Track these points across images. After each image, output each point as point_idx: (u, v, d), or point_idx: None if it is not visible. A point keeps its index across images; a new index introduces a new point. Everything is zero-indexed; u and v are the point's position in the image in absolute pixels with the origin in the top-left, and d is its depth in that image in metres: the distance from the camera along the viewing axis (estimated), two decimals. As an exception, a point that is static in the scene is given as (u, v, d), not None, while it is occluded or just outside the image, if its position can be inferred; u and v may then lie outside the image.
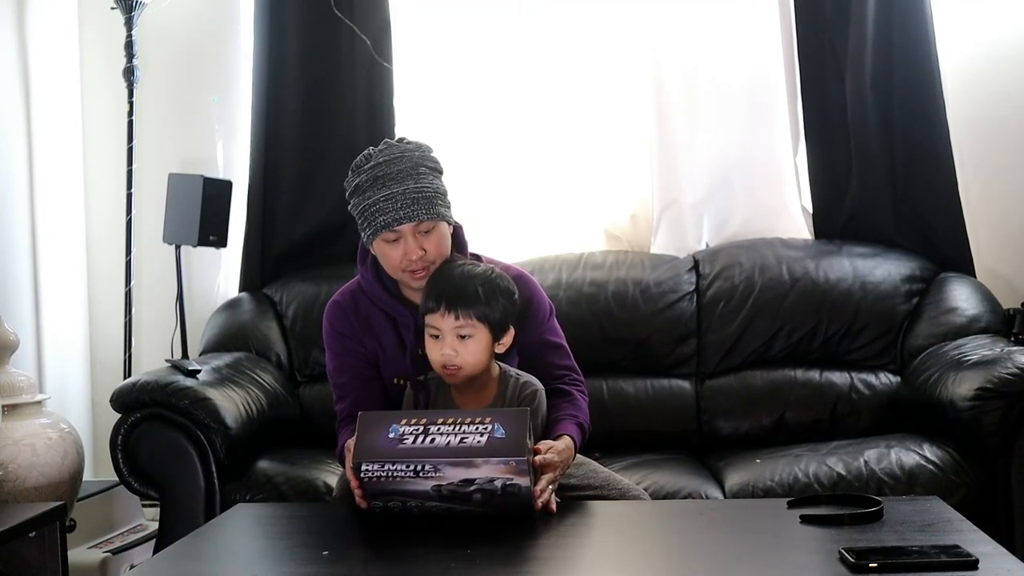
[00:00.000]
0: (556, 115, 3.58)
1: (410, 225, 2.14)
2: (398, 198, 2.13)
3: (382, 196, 2.14)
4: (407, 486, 1.88)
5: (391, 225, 2.14)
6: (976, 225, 3.36)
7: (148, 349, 3.59)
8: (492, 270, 2.17)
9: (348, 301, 2.31)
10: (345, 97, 3.53)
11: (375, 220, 2.15)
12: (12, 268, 3.40)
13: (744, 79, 3.47)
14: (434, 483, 1.87)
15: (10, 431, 2.69)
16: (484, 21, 3.61)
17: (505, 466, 1.85)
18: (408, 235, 2.15)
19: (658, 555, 1.86)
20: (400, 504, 1.91)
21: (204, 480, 2.73)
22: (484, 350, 2.12)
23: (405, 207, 2.13)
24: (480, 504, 1.88)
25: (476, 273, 2.13)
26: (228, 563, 1.88)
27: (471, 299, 2.09)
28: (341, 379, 2.29)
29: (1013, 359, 2.64)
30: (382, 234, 2.16)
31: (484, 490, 1.87)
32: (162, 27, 3.66)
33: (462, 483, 1.87)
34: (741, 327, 3.23)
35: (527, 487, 1.88)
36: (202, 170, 3.41)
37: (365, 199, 2.16)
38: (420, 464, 1.86)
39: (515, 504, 1.89)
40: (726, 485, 2.71)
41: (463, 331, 2.09)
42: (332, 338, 2.31)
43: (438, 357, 2.11)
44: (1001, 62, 3.40)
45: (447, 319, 2.08)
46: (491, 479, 1.86)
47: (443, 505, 1.89)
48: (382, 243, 2.18)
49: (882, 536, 1.76)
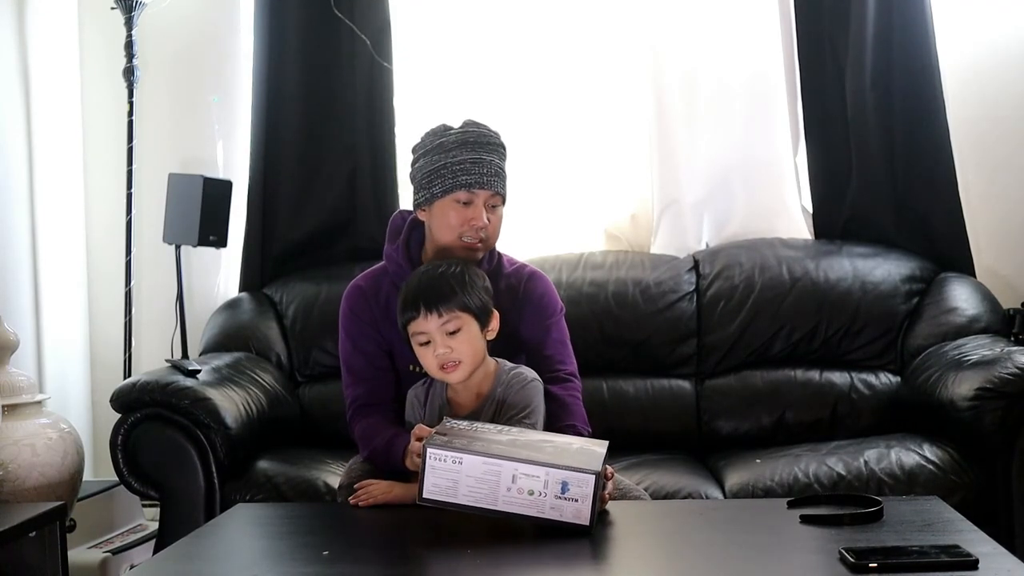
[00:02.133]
0: (556, 115, 3.58)
1: (488, 193, 2.22)
2: (486, 164, 2.22)
3: (470, 158, 2.21)
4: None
5: (473, 186, 2.20)
6: (976, 225, 3.36)
7: (148, 349, 3.59)
8: (455, 264, 2.17)
9: (370, 285, 2.32)
10: (345, 97, 3.53)
11: (457, 178, 2.20)
12: (12, 268, 3.40)
13: (744, 79, 3.47)
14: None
15: (10, 431, 2.69)
16: (484, 21, 3.61)
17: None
18: (480, 202, 2.21)
19: (658, 555, 1.86)
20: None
21: (204, 480, 2.73)
22: (476, 339, 2.12)
23: (491, 175, 2.22)
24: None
25: (442, 271, 2.14)
26: (228, 563, 1.88)
27: (447, 294, 2.09)
28: (356, 363, 2.30)
29: (1013, 359, 2.64)
30: (458, 192, 2.20)
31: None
32: (162, 27, 3.66)
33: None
34: (741, 327, 3.23)
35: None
36: (202, 170, 3.41)
37: (449, 156, 2.21)
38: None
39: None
40: (726, 485, 2.71)
41: (450, 326, 2.09)
42: (350, 320, 2.31)
43: (433, 360, 2.11)
44: (1001, 62, 3.40)
45: (431, 320, 2.09)
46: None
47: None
48: (451, 202, 2.21)
49: (882, 536, 1.76)
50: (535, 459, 1.82)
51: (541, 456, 1.83)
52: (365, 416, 2.25)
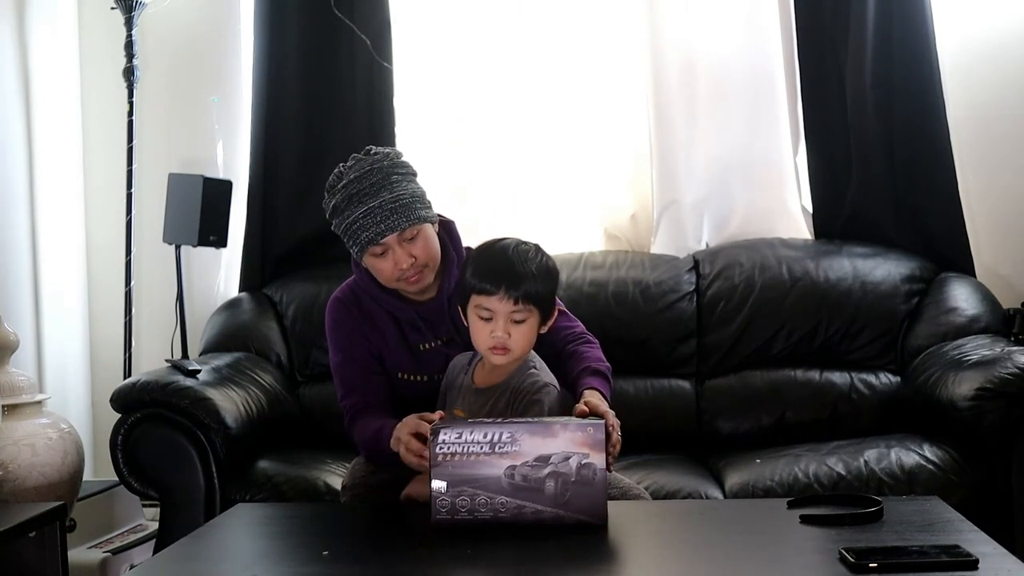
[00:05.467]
0: (556, 115, 3.58)
1: (393, 236, 2.16)
2: (376, 212, 2.15)
3: (360, 213, 2.16)
4: (480, 469, 1.83)
5: (375, 240, 2.16)
6: (976, 225, 3.36)
7: (148, 349, 3.59)
8: (539, 249, 2.16)
9: (349, 296, 2.32)
10: (345, 97, 3.53)
11: (359, 237, 2.17)
12: (12, 268, 3.40)
13: (744, 79, 3.47)
14: (509, 463, 1.82)
15: (10, 431, 2.69)
16: (484, 22, 3.61)
17: (583, 434, 1.83)
18: (394, 245, 2.17)
19: (658, 555, 1.86)
20: (468, 501, 1.85)
21: (204, 480, 2.73)
22: (534, 332, 2.11)
23: (385, 219, 2.15)
24: (552, 499, 1.83)
25: (530, 255, 2.11)
26: (228, 563, 1.88)
27: (530, 282, 2.07)
28: (347, 372, 2.29)
29: (1013, 359, 2.64)
30: (369, 249, 2.18)
31: (559, 473, 1.82)
32: (162, 27, 3.66)
33: (537, 462, 1.82)
34: (741, 327, 3.23)
35: (602, 472, 1.83)
36: (202, 170, 3.41)
37: (345, 218, 2.18)
38: (497, 433, 1.83)
39: (587, 502, 1.83)
40: (726, 485, 2.71)
41: (518, 316, 2.07)
42: (336, 332, 2.31)
43: (487, 338, 2.08)
44: (1001, 62, 3.40)
45: (505, 303, 2.06)
46: (567, 456, 1.82)
47: (513, 502, 1.83)
48: (371, 258, 2.20)
49: (882, 536, 1.76)
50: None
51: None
52: (360, 419, 2.25)
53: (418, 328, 2.27)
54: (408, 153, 3.23)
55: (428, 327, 2.27)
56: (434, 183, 3.55)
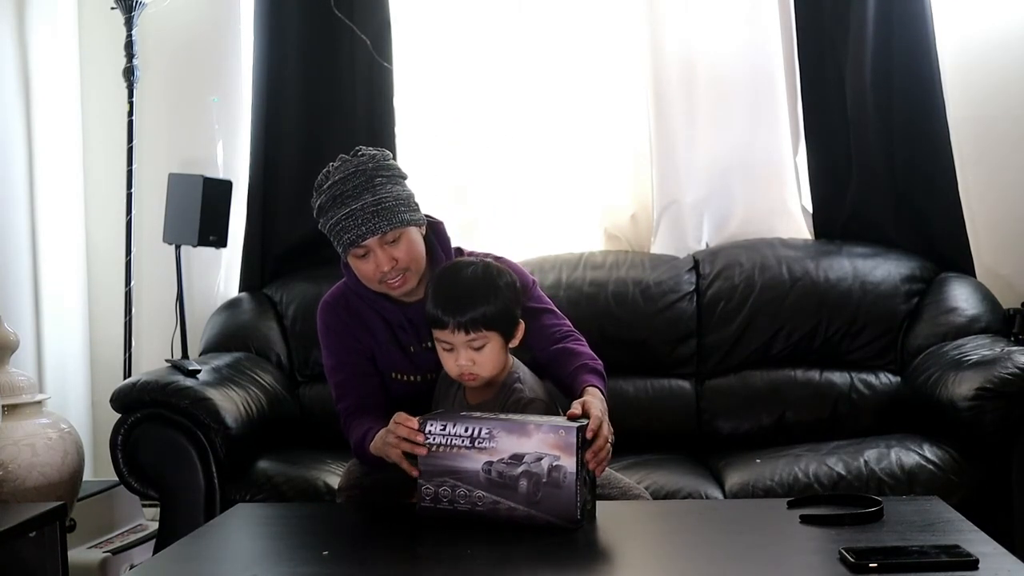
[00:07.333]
0: (556, 115, 3.58)
1: (374, 239, 2.15)
2: (357, 214, 2.15)
3: (343, 214, 2.16)
4: (461, 462, 1.86)
5: (356, 242, 2.16)
6: (976, 225, 3.36)
7: (148, 349, 3.59)
8: (486, 265, 2.16)
9: (338, 299, 2.32)
10: (345, 97, 3.53)
11: (341, 238, 2.17)
12: (12, 268, 3.40)
13: (744, 79, 3.47)
14: (486, 458, 1.85)
15: (10, 431, 2.69)
16: (484, 22, 3.61)
17: (555, 436, 1.84)
18: (375, 248, 2.16)
19: (658, 555, 1.86)
20: (450, 491, 1.88)
21: (204, 480, 2.72)
22: (500, 352, 2.12)
23: (366, 222, 2.14)
24: (525, 498, 1.84)
25: (477, 276, 2.11)
26: (228, 563, 1.88)
27: (479, 308, 2.06)
28: (341, 376, 2.29)
29: (1013, 359, 2.64)
30: (351, 251, 2.19)
31: (531, 473, 1.83)
32: (162, 27, 3.66)
33: (511, 460, 1.84)
34: (741, 327, 3.23)
35: (571, 475, 1.83)
36: (202, 170, 3.41)
37: (328, 219, 2.18)
38: (477, 428, 1.86)
39: (557, 504, 1.84)
40: (726, 485, 2.71)
41: (476, 343, 2.08)
42: (328, 336, 2.32)
43: (454, 368, 2.11)
44: (1001, 62, 3.40)
45: (458, 335, 2.07)
46: (539, 456, 1.84)
47: (489, 497, 1.85)
48: (353, 259, 2.21)
49: (882, 536, 1.76)
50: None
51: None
52: (353, 421, 2.24)
53: (406, 330, 2.27)
54: (408, 153, 3.23)
55: (415, 329, 2.27)
56: (434, 183, 3.58)
